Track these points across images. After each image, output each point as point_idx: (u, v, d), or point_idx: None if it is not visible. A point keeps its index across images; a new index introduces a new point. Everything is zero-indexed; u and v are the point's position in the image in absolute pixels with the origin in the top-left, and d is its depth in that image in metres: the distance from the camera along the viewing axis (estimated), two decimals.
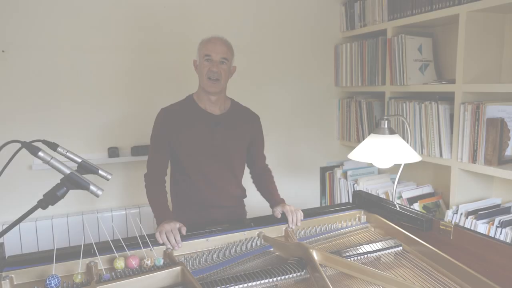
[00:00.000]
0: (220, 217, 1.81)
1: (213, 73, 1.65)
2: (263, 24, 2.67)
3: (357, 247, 1.40)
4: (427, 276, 1.25)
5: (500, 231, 1.78)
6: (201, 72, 1.68)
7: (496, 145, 1.86)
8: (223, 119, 1.74)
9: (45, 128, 2.24)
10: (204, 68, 1.66)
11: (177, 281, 1.23)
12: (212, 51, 1.65)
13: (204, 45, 1.69)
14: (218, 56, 1.65)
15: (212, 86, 1.66)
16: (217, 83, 1.67)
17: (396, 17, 2.38)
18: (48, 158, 1.05)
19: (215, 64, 1.65)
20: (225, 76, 1.69)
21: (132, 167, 2.44)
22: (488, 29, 2.03)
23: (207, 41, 1.69)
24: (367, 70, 2.62)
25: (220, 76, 1.66)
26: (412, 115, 2.27)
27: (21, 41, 2.15)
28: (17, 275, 1.23)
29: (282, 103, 2.79)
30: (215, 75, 1.65)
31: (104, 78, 2.33)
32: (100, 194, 1.08)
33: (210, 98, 1.71)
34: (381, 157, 1.81)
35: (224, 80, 1.69)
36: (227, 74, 1.71)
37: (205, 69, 1.66)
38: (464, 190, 2.09)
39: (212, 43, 1.67)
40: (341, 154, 3.00)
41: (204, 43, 1.69)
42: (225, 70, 1.68)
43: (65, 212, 2.30)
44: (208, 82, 1.66)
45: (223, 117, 1.75)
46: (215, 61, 1.65)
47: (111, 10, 2.30)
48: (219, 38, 1.69)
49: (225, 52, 1.67)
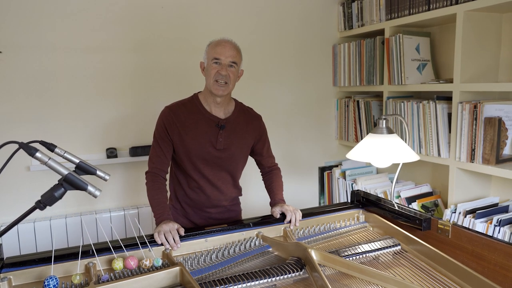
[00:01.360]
0: (216, 215, 1.81)
1: (222, 77, 1.63)
2: (261, 25, 2.67)
3: (355, 247, 1.40)
4: (426, 275, 1.25)
5: (498, 230, 1.79)
6: (209, 74, 1.66)
7: (494, 144, 1.86)
8: (227, 123, 1.73)
9: (43, 129, 2.24)
10: (213, 71, 1.63)
11: (175, 281, 1.22)
12: (222, 54, 1.63)
13: (214, 47, 1.66)
14: (228, 60, 1.63)
15: (220, 89, 1.64)
16: (225, 87, 1.65)
17: (393, 16, 2.39)
18: (45, 159, 1.05)
19: (224, 67, 1.63)
20: (233, 80, 1.67)
21: (131, 167, 2.44)
22: (485, 29, 2.04)
23: (216, 44, 1.66)
24: (365, 69, 2.63)
25: (228, 79, 1.64)
26: (410, 114, 2.28)
27: (18, 42, 2.14)
28: (16, 276, 1.23)
29: (280, 103, 2.80)
30: (223, 78, 1.63)
31: (102, 79, 2.33)
32: (98, 195, 1.08)
33: (216, 100, 1.69)
34: (379, 157, 1.81)
35: (232, 83, 1.68)
36: (235, 78, 1.69)
37: (213, 71, 1.63)
38: (462, 189, 2.09)
39: (222, 46, 1.64)
40: (340, 154, 3.01)
41: (214, 46, 1.66)
42: (234, 73, 1.66)
43: (63, 213, 2.30)
44: (216, 85, 1.64)
45: (228, 121, 1.73)
46: (224, 64, 1.63)
47: (108, 10, 2.30)
48: (229, 42, 1.67)
49: (234, 56, 1.65)
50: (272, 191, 1.81)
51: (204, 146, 1.69)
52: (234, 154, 1.75)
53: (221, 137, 1.70)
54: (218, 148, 1.71)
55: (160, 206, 1.61)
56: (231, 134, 1.73)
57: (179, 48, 2.46)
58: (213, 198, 1.77)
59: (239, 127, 1.76)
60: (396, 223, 1.54)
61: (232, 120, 1.74)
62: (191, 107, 1.73)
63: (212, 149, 1.70)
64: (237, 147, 1.75)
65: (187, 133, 1.69)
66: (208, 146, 1.70)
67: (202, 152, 1.70)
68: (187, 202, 1.79)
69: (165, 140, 1.70)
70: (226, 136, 1.72)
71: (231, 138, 1.73)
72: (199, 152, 1.70)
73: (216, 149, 1.71)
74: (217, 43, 1.66)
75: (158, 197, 1.64)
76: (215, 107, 1.72)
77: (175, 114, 1.70)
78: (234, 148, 1.74)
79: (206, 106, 1.72)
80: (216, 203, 1.79)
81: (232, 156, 1.75)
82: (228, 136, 1.72)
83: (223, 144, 1.71)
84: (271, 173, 1.88)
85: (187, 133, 1.69)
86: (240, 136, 1.76)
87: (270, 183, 1.85)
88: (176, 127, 1.69)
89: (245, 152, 1.81)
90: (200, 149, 1.69)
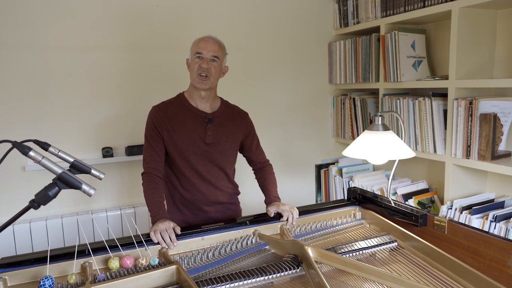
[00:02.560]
0: (215, 215, 1.81)
1: (203, 70, 1.67)
2: (256, 23, 2.66)
3: (352, 244, 1.40)
4: (422, 271, 1.25)
5: (494, 225, 1.79)
6: (192, 69, 1.71)
7: (489, 140, 1.87)
8: (214, 117, 1.76)
9: (38, 129, 2.22)
10: (195, 65, 1.68)
11: (172, 280, 1.22)
12: (204, 48, 1.68)
13: (196, 43, 1.72)
14: (209, 54, 1.68)
15: (202, 82, 1.68)
16: (206, 80, 1.68)
17: (389, 14, 2.39)
18: (39, 158, 1.04)
19: (206, 61, 1.68)
20: (215, 74, 1.71)
21: (127, 167, 2.43)
22: (480, 25, 2.04)
23: (199, 40, 1.72)
24: (361, 67, 2.63)
25: (209, 72, 1.68)
26: (406, 111, 2.28)
27: (12, 41, 2.13)
28: (11, 276, 1.23)
29: (276, 101, 2.79)
30: (205, 71, 1.67)
31: (97, 77, 2.32)
32: (92, 194, 1.08)
33: (200, 94, 1.73)
34: (375, 154, 1.81)
35: (214, 77, 1.70)
36: (218, 72, 1.72)
37: (195, 66, 1.68)
38: (458, 185, 2.10)
39: (204, 41, 1.70)
40: (336, 152, 3.01)
41: (196, 42, 1.72)
42: (216, 67, 1.70)
43: (59, 213, 2.29)
44: (198, 78, 1.68)
45: (214, 115, 1.76)
46: (206, 58, 1.68)
47: (103, 9, 2.28)
48: (211, 37, 1.72)
49: (216, 50, 1.69)
50: (266, 189, 1.81)
51: (193, 141, 1.72)
52: (224, 148, 1.77)
53: (209, 131, 1.73)
54: (207, 142, 1.73)
55: (156, 205, 1.61)
56: (219, 128, 1.76)
57: (174, 46, 2.45)
58: (208, 194, 1.78)
59: (227, 121, 1.79)
60: (392, 219, 1.54)
61: (219, 114, 1.78)
62: (177, 104, 1.76)
63: (202, 143, 1.73)
64: (226, 141, 1.77)
65: (176, 130, 1.71)
66: (197, 140, 1.72)
67: (192, 147, 1.72)
68: (184, 204, 1.79)
69: (156, 139, 1.72)
70: (214, 130, 1.74)
71: (220, 132, 1.76)
72: (189, 147, 1.71)
73: (206, 143, 1.73)
74: (200, 39, 1.72)
75: (154, 197, 1.64)
76: (200, 102, 1.75)
77: (163, 112, 1.73)
78: (223, 142, 1.77)
79: (192, 102, 1.76)
80: (213, 200, 1.79)
81: (222, 150, 1.77)
82: (216, 130, 1.75)
83: (212, 138, 1.74)
84: (263, 170, 1.88)
85: (176, 130, 1.71)
86: (228, 130, 1.78)
87: (263, 180, 1.85)
88: (164, 124, 1.71)
89: (235, 146, 1.82)
90: (190, 144, 1.71)
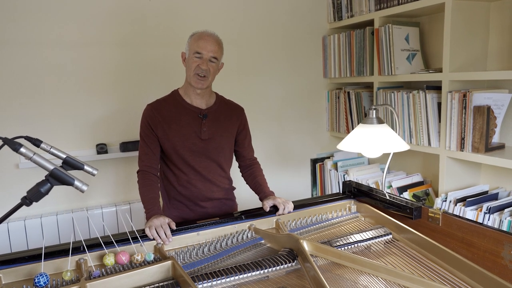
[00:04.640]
0: (212, 210, 1.81)
1: (202, 71, 1.65)
2: (250, 17, 2.65)
3: (347, 237, 1.41)
4: (417, 263, 1.26)
5: (488, 217, 1.81)
6: (189, 67, 1.68)
7: (483, 133, 1.88)
8: (210, 112, 1.75)
9: (31, 126, 2.20)
10: (193, 64, 1.66)
11: (168, 275, 1.22)
12: (204, 49, 1.65)
13: (196, 41, 1.67)
14: (209, 55, 1.66)
15: (199, 82, 1.67)
16: (204, 80, 1.68)
17: (382, 7, 2.38)
18: (30, 154, 1.03)
19: (205, 62, 1.66)
20: (213, 74, 1.71)
21: (121, 163, 2.42)
22: (474, 18, 2.04)
23: (199, 37, 1.67)
24: (355, 60, 2.62)
25: (208, 73, 1.67)
26: (400, 104, 2.28)
27: (4, 38, 2.10)
28: (5, 274, 1.22)
29: (271, 95, 2.79)
30: (203, 72, 1.66)
31: (90, 74, 2.30)
32: (85, 190, 1.07)
33: (196, 91, 1.72)
34: (370, 147, 1.81)
35: (212, 77, 1.70)
36: (215, 72, 1.72)
37: (194, 65, 1.66)
38: (452, 177, 2.11)
39: (204, 40, 1.66)
40: (331, 146, 3.01)
41: (196, 39, 1.67)
42: (214, 67, 1.69)
43: (54, 210, 2.27)
44: (196, 78, 1.67)
45: (209, 110, 1.76)
46: (205, 59, 1.66)
47: (95, 4, 2.26)
48: (211, 36, 1.68)
49: (216, 51, 1.67)
50: (260, 185, 1.81)
51: (189, 137, 1.71)
52: (220, 143, 1.76)
53: (204, 126, 1.72)
54: (203, 138, 1.72)
55: (151, 201, 1.61)
56: (215, 124, 1.75)
57: (167, 41, 2.44)
58: (205, 190, 1.77)
59: (222, 116, 1.78)
60: (387, 212, 1.55)
61: (214, 110, 1.77)
62: (172, 102, 1.75)
63: (197, 139, 1.72)
64: (221, 136, 1.77)
65: (171, 127, 1.70)
66: (193, 137, 1.71)
67: (187, 144, 1.71)
68: (181, 200, 1.79)
69: (150, 137, 1.71)
70: (210, 125, 1.74)
71: (215, 128, 1.75)
72: (185, 144, 1.71)
73: (201, 139, 1.72)
74: (199, 36, 1.67)
75: (148, 194, 1.64)
76: (195, 98, 1.74)
77: (157, 110, 1.72)
78: (219, 138, 1.76)
79: (187, 99, 1.75)
80: (209, 196, 1.79)
81: (218, 146, 1.76)
82: (212, 125, 1.74)
83: (208, 133, 1.73)
84: (253, 168, 1.88)
85: (171, 127, 1.70)
86: (224, 125, 1.78)
87: (254, 177, 1.85)
88: (159, 123, 1.70)
89: (230, 141, 1.82)
90: (185, 140, 1.71)
